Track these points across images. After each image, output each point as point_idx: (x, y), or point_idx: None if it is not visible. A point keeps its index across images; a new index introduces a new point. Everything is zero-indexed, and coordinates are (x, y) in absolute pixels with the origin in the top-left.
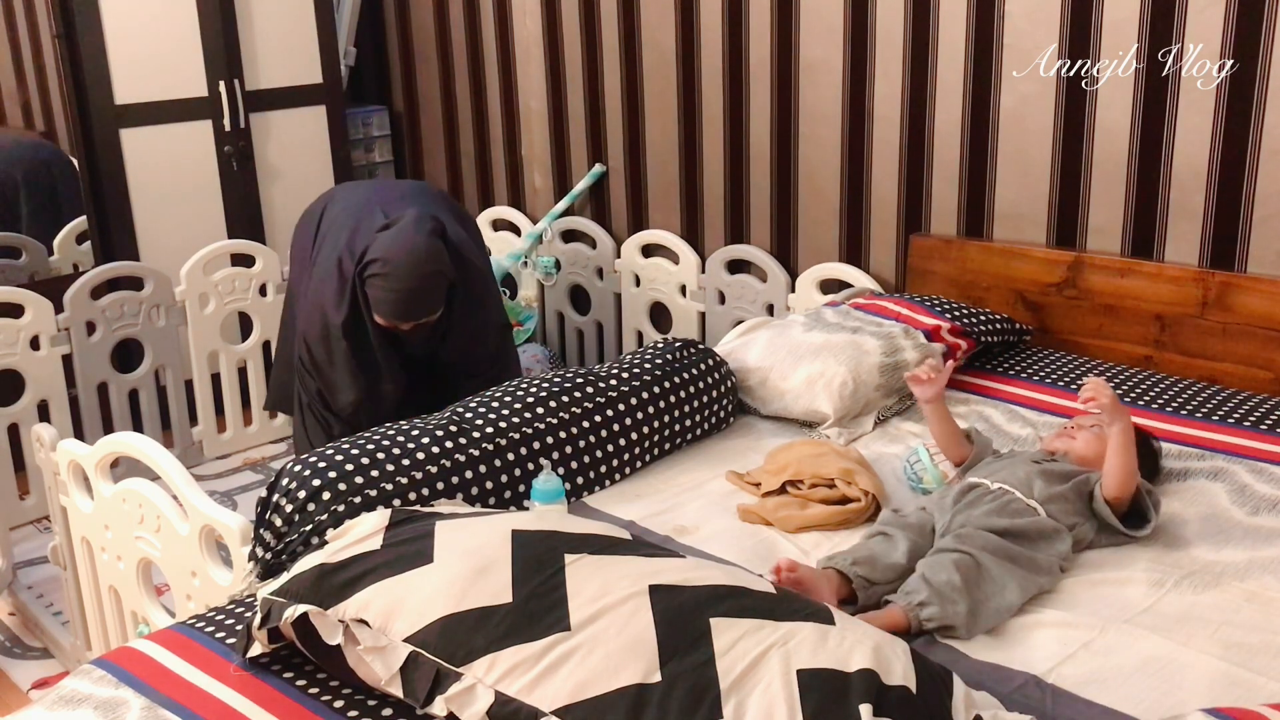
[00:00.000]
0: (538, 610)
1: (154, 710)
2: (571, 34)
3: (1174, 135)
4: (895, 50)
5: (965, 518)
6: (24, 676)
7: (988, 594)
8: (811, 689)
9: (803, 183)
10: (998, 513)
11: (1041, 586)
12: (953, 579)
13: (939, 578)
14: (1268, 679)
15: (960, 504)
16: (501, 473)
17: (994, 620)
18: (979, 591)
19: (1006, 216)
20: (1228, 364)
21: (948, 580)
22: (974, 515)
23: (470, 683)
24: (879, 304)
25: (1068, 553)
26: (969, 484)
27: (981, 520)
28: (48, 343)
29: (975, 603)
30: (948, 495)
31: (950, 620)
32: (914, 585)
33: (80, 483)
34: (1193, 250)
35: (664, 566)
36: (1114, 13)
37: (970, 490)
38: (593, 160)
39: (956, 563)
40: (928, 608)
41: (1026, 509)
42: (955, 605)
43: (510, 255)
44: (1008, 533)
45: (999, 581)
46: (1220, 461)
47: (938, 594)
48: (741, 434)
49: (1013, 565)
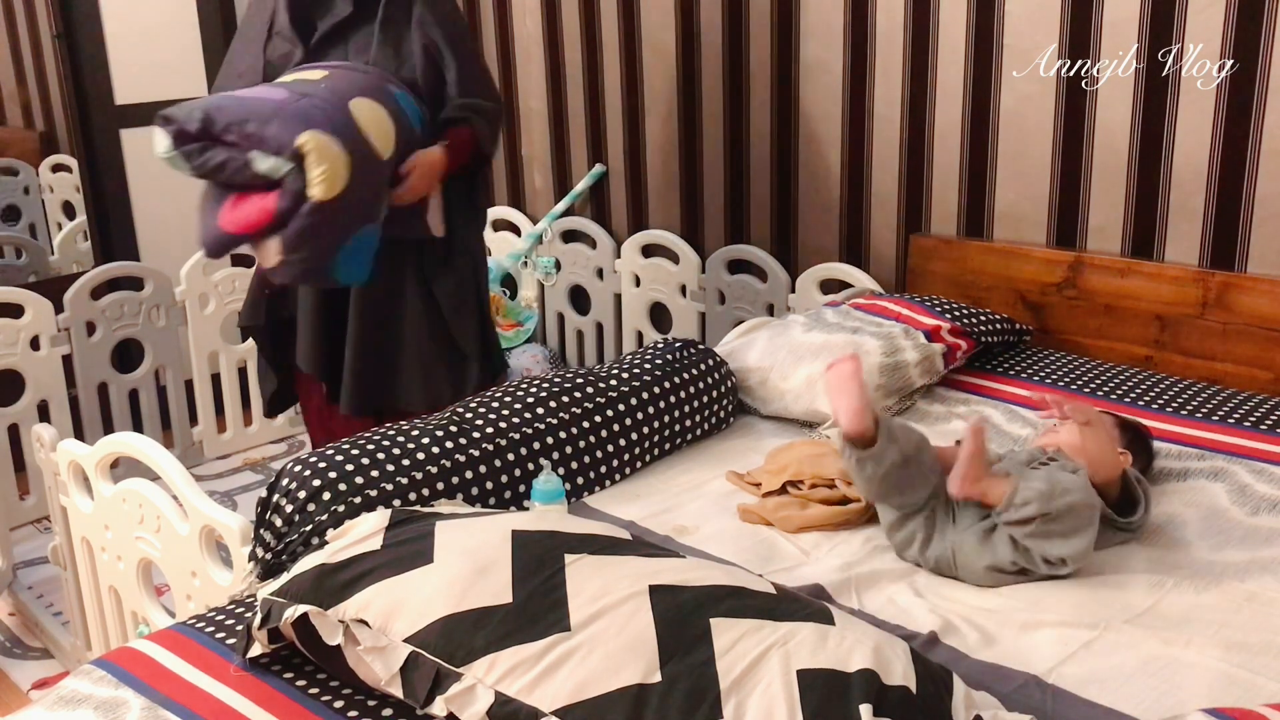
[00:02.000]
0: (538, 610)
1: (154, 710)
2: (571, 34)
3: (1174, 135)
4: (895, 50)
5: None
6: (24, 676)
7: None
8: (811, 689)
9: (803, 183)
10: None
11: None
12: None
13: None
14: (1268, 679)
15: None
16: (501, 473)
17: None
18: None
19: (1006, 216)
20: (1228, 364)
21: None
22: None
23: (470, 683)
24: (879, 304)
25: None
26: None
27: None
28: (48, 343)
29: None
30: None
31: (1046, 508)
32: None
33: (80, 483)
34: (1193, 250)
35: (664, 566)
36: (1114, 13)
37: None
38: (593, 160)
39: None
40: (1030, 505)
41: None
42: (1054, 501)
43: (510, 255)
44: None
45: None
46: (1220, 461)
47: (1043, 496)
48: (741, 434)
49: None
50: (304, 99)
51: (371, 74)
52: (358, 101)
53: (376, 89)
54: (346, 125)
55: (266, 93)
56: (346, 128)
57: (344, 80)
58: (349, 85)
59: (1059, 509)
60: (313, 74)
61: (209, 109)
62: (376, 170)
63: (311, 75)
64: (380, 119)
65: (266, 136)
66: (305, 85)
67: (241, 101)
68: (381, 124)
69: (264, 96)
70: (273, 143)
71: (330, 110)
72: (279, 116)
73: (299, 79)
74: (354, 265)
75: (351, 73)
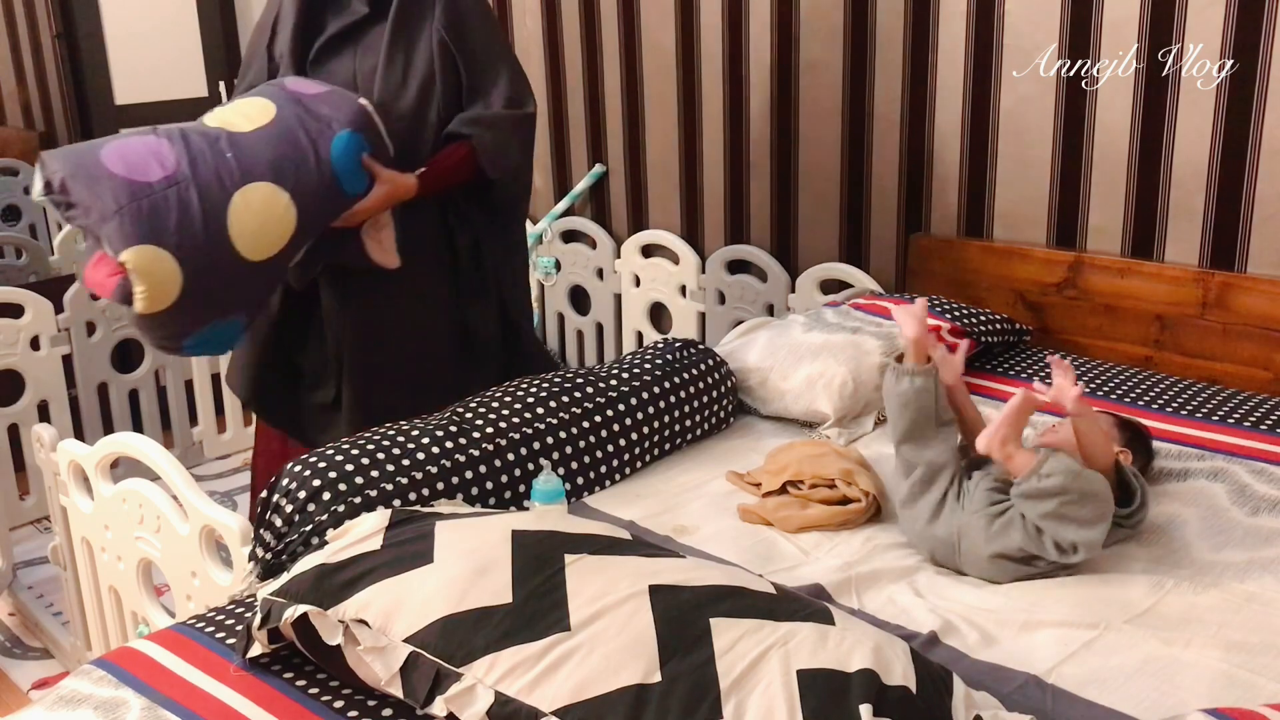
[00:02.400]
0: (538, 610)
1: (154, 710)
2: (571, 34)
3: (1174, 135)
4: (895, 50)
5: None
6: (24, 677)
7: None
8: (811, 689)
9: (803, 183)
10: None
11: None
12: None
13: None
14: (1268, 679)
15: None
16: (501, 473)
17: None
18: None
19: (1006, 216)
20: (1228, 364)
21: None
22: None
23: (470, 683)
24: (879, 304)
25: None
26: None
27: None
28: (48, 343)
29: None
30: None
31: (1070, 484)
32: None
33: (80, 483)
34: (1193, 250)
35: (664, 566)
36: (1114, 13)
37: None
38: (593, 160)
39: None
40: (1054, 478)
41: None
42: (1079, 480)
43: None
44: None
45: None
46: (1220, 461)
47: (1070, 473)
48: (741, 434)
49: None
50: (173, 186)
51: (322, 119)
52: (250, 190)
53: (298, 160)
54: (203, 229)
55: (143, 163)
56: (201, 233)
57: (269, 142)
58: (267, 152)
59: (1082, 489)
60: (258, 111)
61: (65, 178)
62: (234, 274)
63: (250, 113)
64: (272, 211)
65: (102, 234)
66: (210, 145)
67: (97, 178)
68: (270, 218)
69: (127, 175)
70: (107, 242)
71: (194, 208)
72: (121, 215)
73: (229, 122)
74: (210, 346)
75: (300, 117)
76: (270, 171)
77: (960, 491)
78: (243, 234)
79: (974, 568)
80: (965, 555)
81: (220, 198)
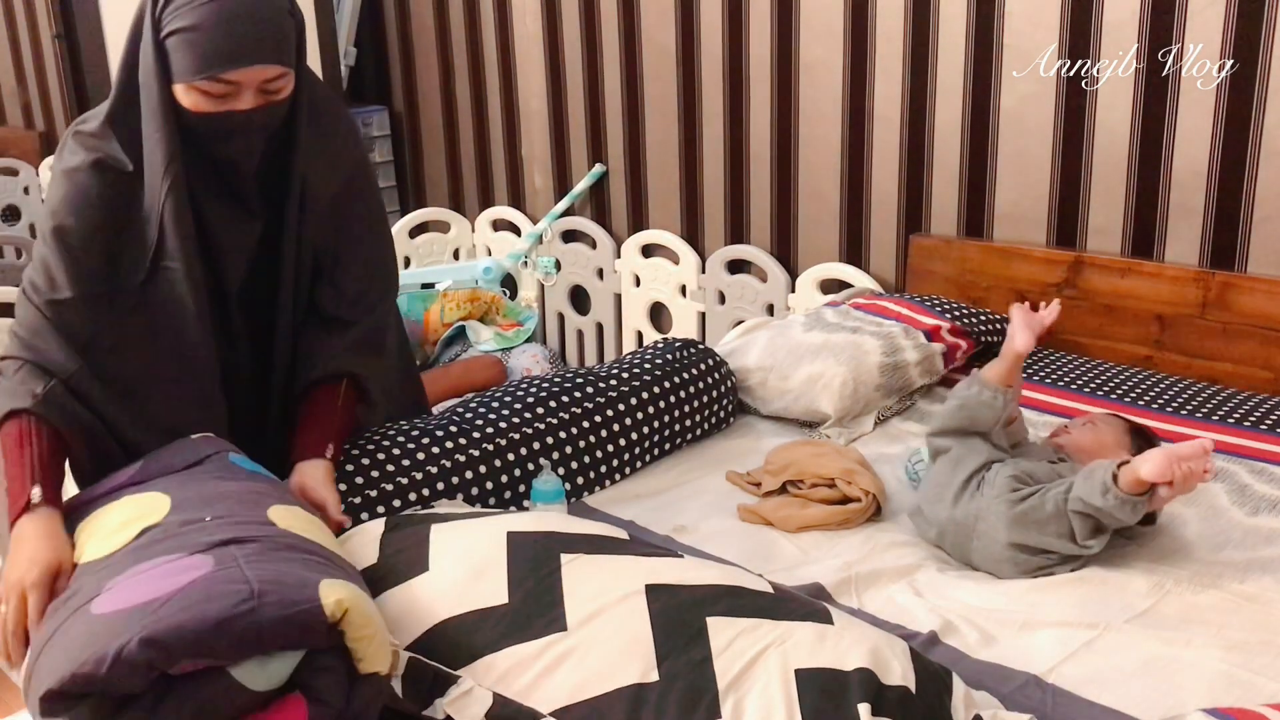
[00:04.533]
0: (534, 609)
1: None
2: (571, 34)
3: (1174, 135)
4: (895, 50)
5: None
6: None
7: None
8: (809, 688)
9: (803, 183)
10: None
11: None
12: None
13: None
14: (1268, 679)
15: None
16: (501, 473)
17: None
18: None
19: (1006, 216)
20: (1228, 364)
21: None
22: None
23: (468, 686)
24: (879, 304)
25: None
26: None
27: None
28: None
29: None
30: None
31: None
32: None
33: None
34: (1193, 250)
35: (661, 566)
36: (1114, 13)
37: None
38: (593, 160)
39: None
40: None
41: None
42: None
43: (510, 255)
44: None
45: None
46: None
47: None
48: (741, 434)
49: None
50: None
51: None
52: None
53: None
54: None
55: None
56: None
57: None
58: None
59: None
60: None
61: None
62: None
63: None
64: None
65: None
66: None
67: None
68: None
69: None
70: None
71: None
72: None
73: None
74: None
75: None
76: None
77: (982, 480)
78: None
79: (984, 556)
80: (979, 541)
81: None
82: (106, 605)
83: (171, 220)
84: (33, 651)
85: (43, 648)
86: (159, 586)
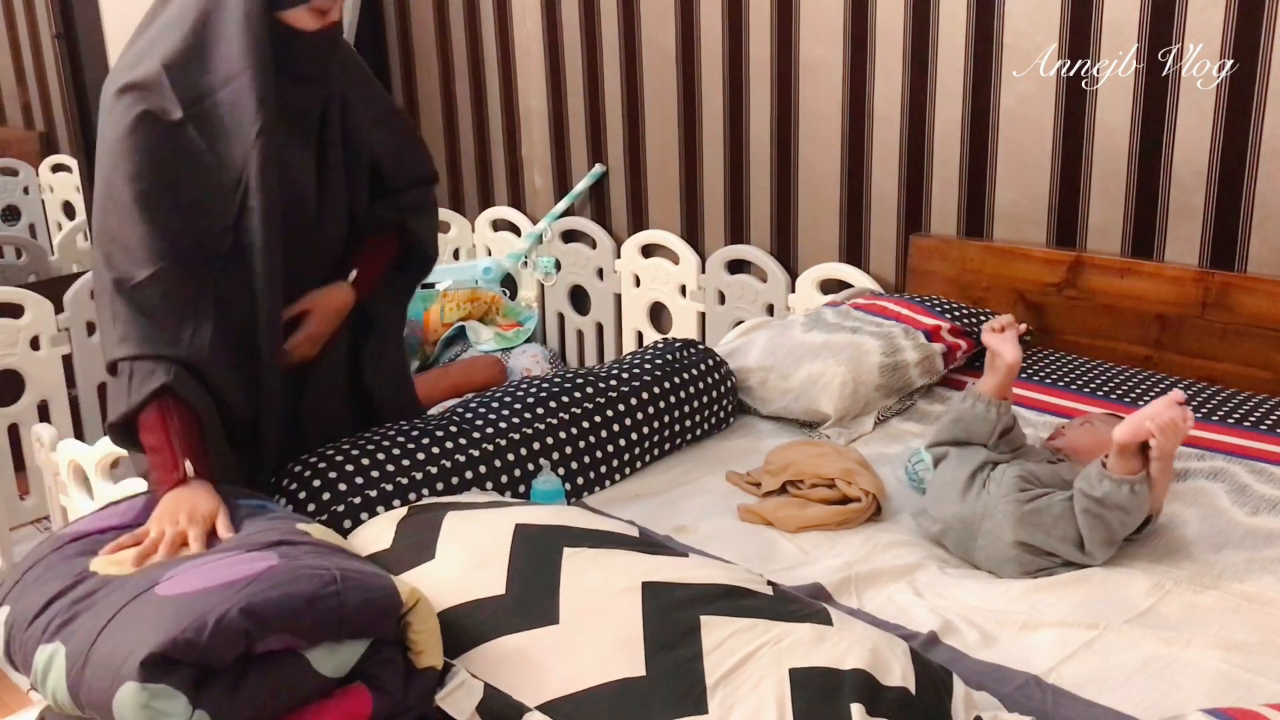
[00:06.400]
0: (528, 600)
1: None
2: (571, 34)
3: (1174, 135)
4: (895, 50)
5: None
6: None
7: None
8: (803, 687)
9: (803, 183)
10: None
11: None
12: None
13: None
14: (1268, 679)
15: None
16: (501, 473)
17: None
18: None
19: (1006, 216)
20: (1228, 364)
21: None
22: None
23: (462, 679)
24: (879, 304)
25: None
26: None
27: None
28: (48, 343)
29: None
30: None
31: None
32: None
33: (80, 483)
34: (1193, 250)
35: (662, 564)
36: (1114, 13)
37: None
38: (593, 160)
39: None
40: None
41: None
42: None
43: (510, 255)
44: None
45: None
46: (1220, 461)
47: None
48: (741, 434)
49: None
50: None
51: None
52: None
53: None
54: None
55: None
56: None
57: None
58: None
59: (1137, 520)
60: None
61: None
62: None
63: None
64: None
65: None
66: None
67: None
68: None
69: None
70: None
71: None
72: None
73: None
74: None
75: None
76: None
77: (988, 478)
78: None
79: (987, 554)
80: (983, 538)
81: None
82: (175, 588)
83: (258, 166)
84: (86, 636)
85: (101, 630)
86: (236, 571)
